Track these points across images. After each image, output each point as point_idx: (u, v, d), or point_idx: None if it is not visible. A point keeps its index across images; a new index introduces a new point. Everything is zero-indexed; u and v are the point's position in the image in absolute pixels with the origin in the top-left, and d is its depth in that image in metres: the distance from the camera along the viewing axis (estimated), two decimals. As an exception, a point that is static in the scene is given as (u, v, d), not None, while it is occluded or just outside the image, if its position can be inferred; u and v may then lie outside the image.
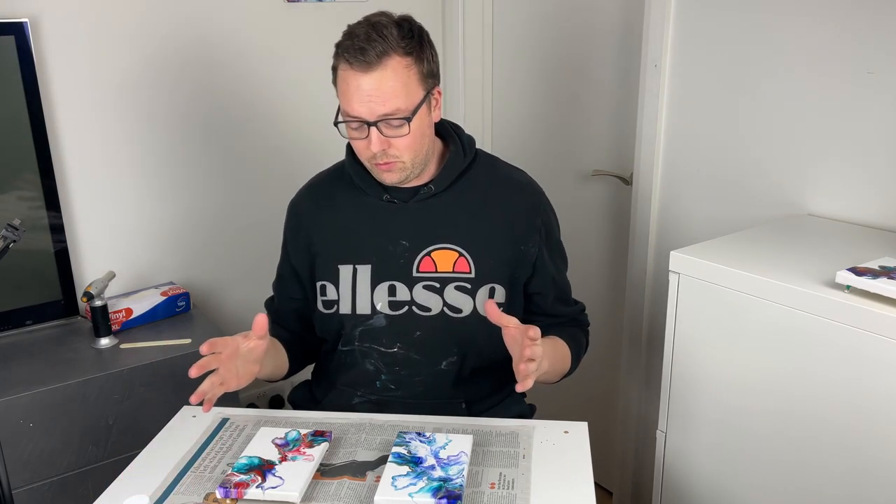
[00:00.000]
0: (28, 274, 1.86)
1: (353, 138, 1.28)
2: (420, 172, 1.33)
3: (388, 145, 1.24)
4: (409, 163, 1.28)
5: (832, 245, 1.39)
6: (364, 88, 1.20)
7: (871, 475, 1.16)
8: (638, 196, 1.95)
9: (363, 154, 1.28)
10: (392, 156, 1.26)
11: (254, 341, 1.19)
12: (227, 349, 1.16)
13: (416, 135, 1.25)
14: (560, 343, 1.39)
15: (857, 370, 1.14)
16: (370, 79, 1.20)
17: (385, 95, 1.20)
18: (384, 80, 1.20)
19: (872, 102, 1.45)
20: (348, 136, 1.28)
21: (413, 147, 1.26)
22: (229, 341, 1.16)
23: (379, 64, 1.19)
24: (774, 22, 1.58)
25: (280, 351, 1.41)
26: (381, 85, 1.20)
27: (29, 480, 1.63)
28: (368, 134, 1.23)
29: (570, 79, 2.17)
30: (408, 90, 1.22)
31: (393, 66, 1.20)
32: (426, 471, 1.07)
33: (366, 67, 1.19)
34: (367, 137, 1.24)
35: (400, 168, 1.28)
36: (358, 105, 1.21)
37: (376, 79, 1.20)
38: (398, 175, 1.29)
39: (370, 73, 1.20)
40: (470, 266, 1.34)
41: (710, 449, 1.40)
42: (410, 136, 1.24)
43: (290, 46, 2.18)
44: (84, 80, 1.89)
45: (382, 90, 1.20)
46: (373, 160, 1.27)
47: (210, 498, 1.07)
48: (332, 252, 1.38)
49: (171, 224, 2.11)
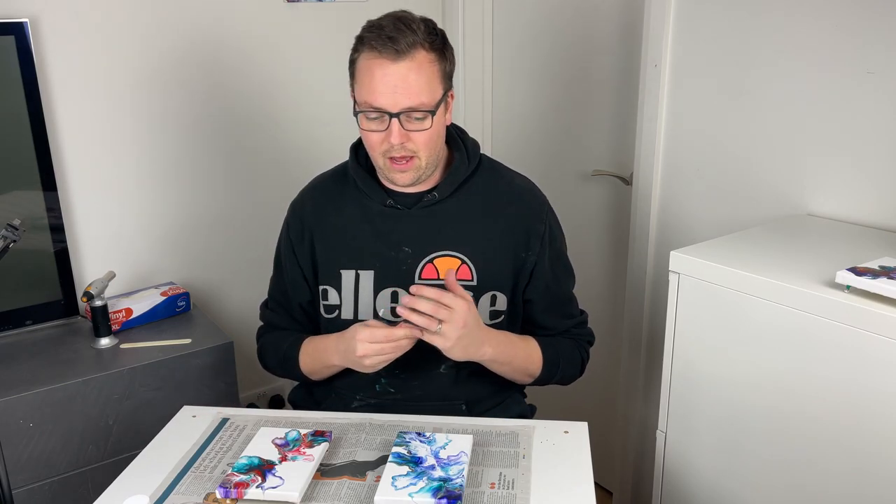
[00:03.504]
0: (28, 274, 1.86)
1: (369, 130, 1.25)
2: (431, 174, 1.32)
3: (408, 139, 1.23)
4: (424, 161, 1.27)
5: (832, 245, 1.39)
6: (390, 78, 1.19)
7: (870, 475, 1.15)
8: (638, 196, 1.95)
9: (378, 148, 1.26)
10: (409, 150, 1.25)
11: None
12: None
13: (435, 131, 1.25)
14: (531, 343, 1.38)
15: (857, 370, 1.14)
16: (398, 68, 1.19)
17: (411, 88, 1.20)
18: (411, 71, 1.20)
19: (872, 102, 1.45)
20: (365, 127, 1.26)
21: (430, 144, 1.26)
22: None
23: (408, 55, 1.19)
24: (774, 22, 1.58)
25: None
26: (408, 76, 1.20)
27: (29, 480, 1.63)
28: (388, 126, 1.22)
29: (570, 79, 2.17)
30: (431, 86, 1.22)
31: (420, 59, 1.20)
32: (426, 471, 1.07)
33: (395, 56, 1.19)
34: (387, 129, 1.23)
35: (415, 167, 1.27)
36: (381, 95, 1.20)
37: (404, 69, 1.19)
38: (412, 175, 1.28)
39: (399, 62, 1.19)
40: (472, 273, 1.34)
41: (710, 449, 1.40)
42: (430, 131, 1.24)
43: (290, 46, 2.18)
44: (84, 80, 1.89)
45: (409, 82, 1.20)
46: (388, 154, 1.25)
47: (210, 498, 1.07)
48: (334, 256, 1.37)
49: (171, 224, 2.11)
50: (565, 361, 1.42)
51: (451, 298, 1.19)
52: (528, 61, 2.30)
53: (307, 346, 1.39)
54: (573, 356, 1.44)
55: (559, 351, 1.41)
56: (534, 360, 1.38)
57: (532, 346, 1.38)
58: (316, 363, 1.38)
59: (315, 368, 1.39)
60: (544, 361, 1.39)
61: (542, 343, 1.39)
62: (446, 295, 1.19)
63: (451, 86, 1.30)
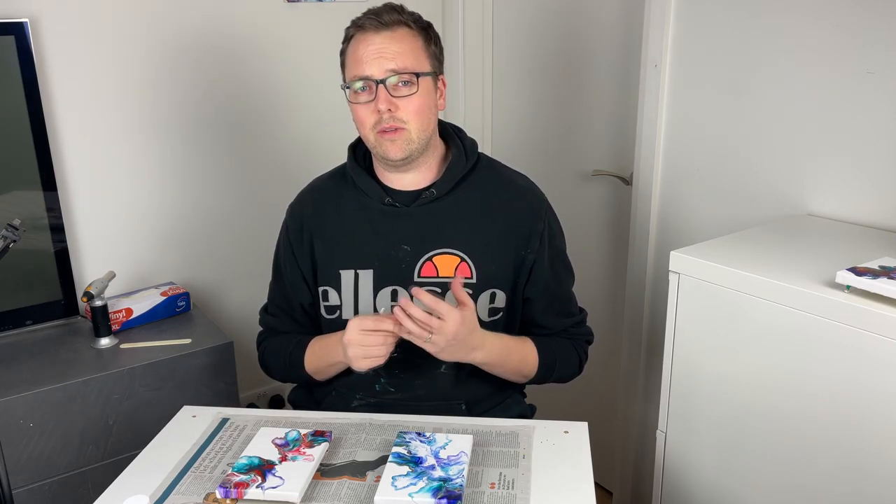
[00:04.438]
0: (28, 274, 1.86)
1: (358, 103, 1.27)
2: (422, 153, 1.32)
3: (395, 108, 1.25)
4: (415, 133, 1.27)
5: (832, 245, 1.39)
6: (374, 46, 1.25)
7: (870, 475, 1.15)
8: (638, 196, 1.95)
9: (367, 121, 1.27)
10: (399, 119, 1.25)
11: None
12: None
13: (423, 100, 1.27)
14: (527, 345, 1.38)
15: (857, 370, 1.14)
16: (381, 37, 1.25)
17: (394, 52, 1.24)
18: (394, 41, 1.25)
19: (872, 102, 1.45)
20: (353, 100, 1.28)
21: (420, 114, 1.27)
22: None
23: (391, 27, 1.25)
24: (774, 22, 1.58)
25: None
26: (391, 43, 1.25)
27: (29, 480, 1.63)
28: (375, 94, 1.24)
29: (570, 79, 2.17)
30: (416, 55, 1.27)
31: (403, 32, 1.26)
32: (426, 471, 1.07)
33: (379, 27, 1.25)
34: (374, 100, 1.24)
35: (405, 139, 1.27)
36: (366, 64, 1.25)
37: (387, 38, 1.25)
38: (403, 147, 1.28)
39: (382, 32, 1.25)
40: (472, 271, 1.34)
41: (710, 449, 1.40)
42: (418, 97, 1.25)
43: (290, 46, 2.19)
44: (84, 80, 1.89)
45: (392, 48, 1.24)
46: (378, 126, 1.26)
47: (210, 498, 1.07)
48: (333, 257, 1.37)
49: (171, 224, 2.11)
50: (562, 362, 1.42)
51: (446, 310, 1.19)
52: (528, 61, 2.30)
53: (314, 346, 1.39)
54: (570, 357, 1.43)
55: (556, 352, 1.41)
56: (528, 362, 1.38)
57: (528, 347, 1.38)
58: (321, 361, 1.38)
59: (320, 367, 1.39)
60: (539, 363, 1.39)
61: (539, 344, 1.39)
62: (441, 304, 1.19)
63: (442, 72, 1.34)
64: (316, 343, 1.40)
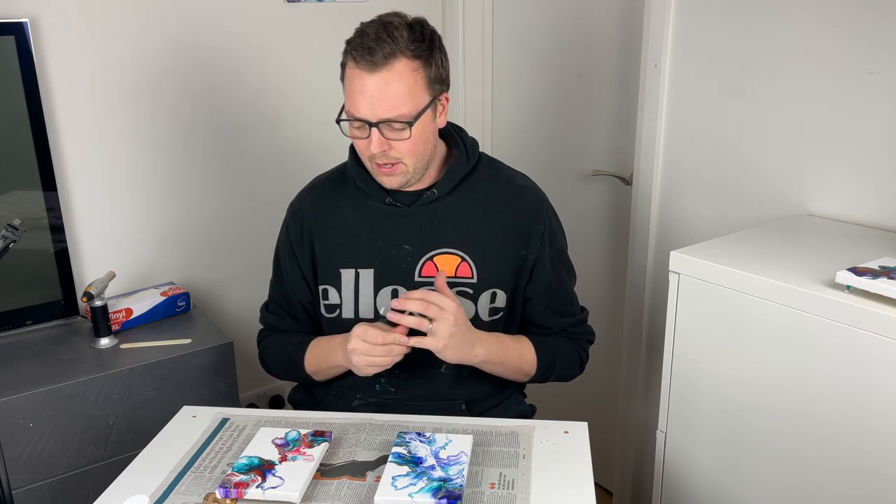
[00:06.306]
0: (28, 274, 1.86)
1: (354, 137, 1.27)
2: (421, 176, 1.32)
3: (389, 147, 1.24)
4: (411, 167, 1.27)
5: (832, 245, 1.39)
6: (368, 89, 1.19)
7: (870, 475, 1.15)
8: (638, 196, 1.95)
9: (364, 153, 1.28)
10: (393, 157, 1.25)
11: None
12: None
13: (417, 139, 1.24)
14: (524, 343, 1.38)
15: (857, 370, 1.14)
16: (375, 80, 1.19)
17: (388, 99, 1.19)
18: (389, 82, 1.19)
19: (872, 102, 1.45)
20: (350, 134, 1.27)
21: (414, 151, 1.26)
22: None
23: (385, 65, 1.18)
24: (774, 22, 1.58)
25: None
26: (385, 88, 1.19)
27: (29, 480, 1.63)
28: (370, 134, 1.23)
29: (570, 79, 2.17)
30: (413, 95, 1.21)
31: (400, 68, 1.19)
32: (426, 471, 1.07)
33: (371, 67, 1.18)
34: (368, 137, 1.23)
35: (401, 172, 1.27)
36: (361, 106, 1.21)
37: (382, 81, 1.19)
38: (399, 179, 1.29)
39: (375, 73, 1.19)
40: (472, 271, 1.34)
41: (710, 449, 1.40)
42: (412, 140, 1.23)
43: (290, 46, 2.18)
44: (84, 81, 1.89)
45: (386, 93, 1.19)
46: (373, 160, 1.26)
47: (210, 498, 1.07)
48: (334, 255, 1.37)
49: (171, 224, 2.11)
50: (561, 361, 1.42)
51: (438, 297, 1.20)
52: (529, 61, 2.30)
53: (314, 347, 1.39)
54: (571, 356, 1.44)
55: (555, 351, 1.41)
56: (527, 360, 1.38)
57: (525, 346, 1.38)
58: (321, 363, 1.38)
59: (320, 368, 1.39)
60: (539, 362, 1.39)
61: (537, 343, 1.39)
62: (433, 294, 1.20)
63: (445, 89, 1.29)
64: (316, 345, 1.39)
